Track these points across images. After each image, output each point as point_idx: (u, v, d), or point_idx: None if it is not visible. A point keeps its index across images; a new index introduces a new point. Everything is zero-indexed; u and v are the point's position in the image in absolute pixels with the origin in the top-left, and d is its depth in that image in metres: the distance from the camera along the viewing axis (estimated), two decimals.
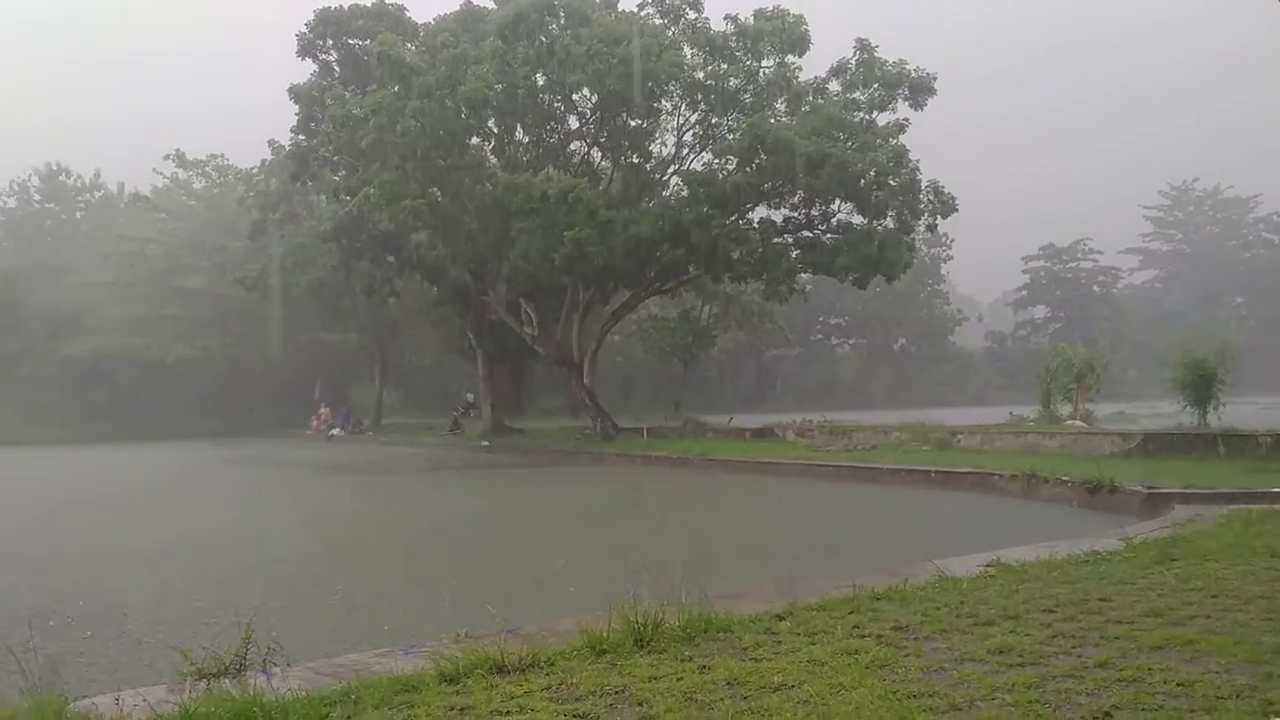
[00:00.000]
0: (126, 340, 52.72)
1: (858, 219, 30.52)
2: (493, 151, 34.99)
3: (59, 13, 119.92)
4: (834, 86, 31.88)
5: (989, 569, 7.78)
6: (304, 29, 37.33)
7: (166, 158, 63.31)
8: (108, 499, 19.72)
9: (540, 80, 30.99)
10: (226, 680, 4.93)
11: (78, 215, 69.33)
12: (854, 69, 31.03)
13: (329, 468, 27.58)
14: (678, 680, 4.83)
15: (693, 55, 30.96)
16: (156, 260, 56.76)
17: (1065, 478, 15.11)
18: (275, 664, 5.24)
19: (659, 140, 34.17)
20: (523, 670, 5.07)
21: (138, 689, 4.92)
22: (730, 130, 32.09)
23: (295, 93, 38.28)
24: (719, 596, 6.49)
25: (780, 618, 6.17)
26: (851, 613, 6.29)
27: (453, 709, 4.46)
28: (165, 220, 59.92)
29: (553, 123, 34.09)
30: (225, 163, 63.30)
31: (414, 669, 5.08)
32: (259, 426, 50.30)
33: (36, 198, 68.80)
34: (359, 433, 45.99)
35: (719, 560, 9.94)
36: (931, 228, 33.71)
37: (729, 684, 4.77)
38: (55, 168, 68.28)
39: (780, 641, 5.60)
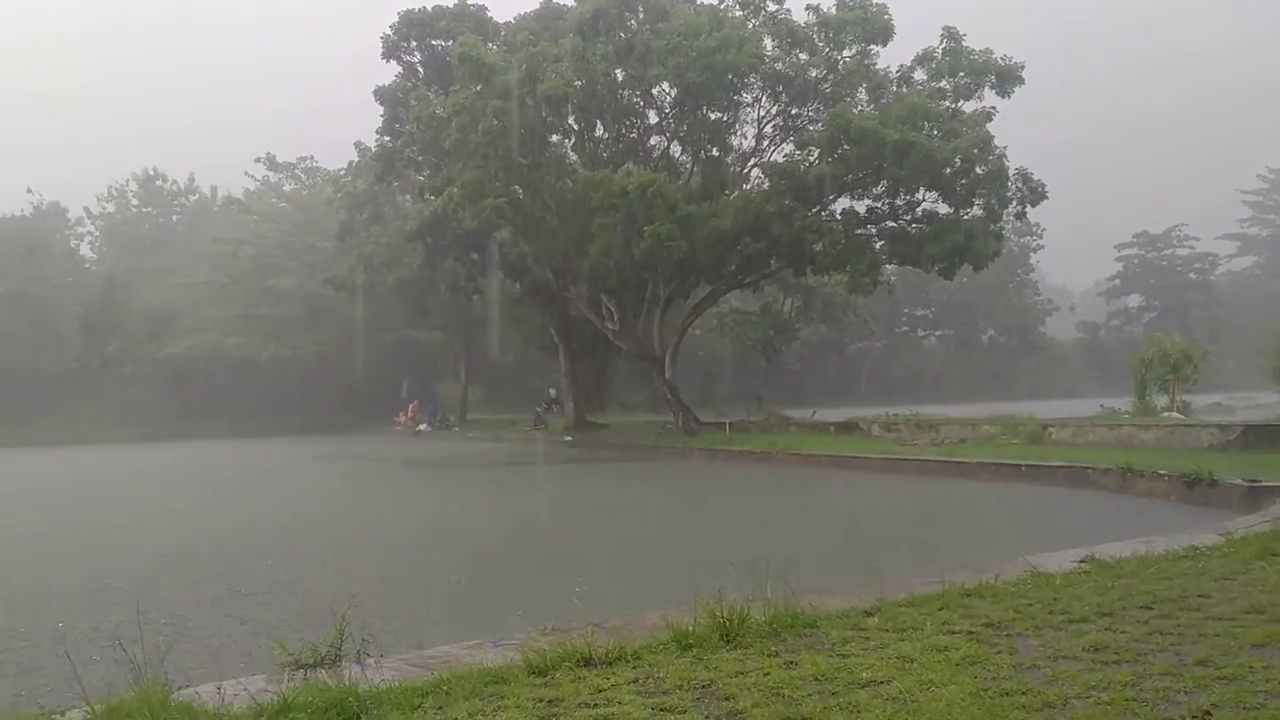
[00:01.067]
0: (221, 340, 54.30)
1: (944, 208, 29.99)
2: (573, 148, 35.14)
3: (156, 23, 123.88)
4: (919, 75, 31.38)
5: (1083, 565, 7.58)
6: (388, 32, 38.08)
7: (258, 161, 65.26)
8: (213, 493, 20.32)
9: (619, 76, 31.07)
10: (322, 671, 5.05)
11: (174, 219, 71.55)
12: (940, 57, 30.47)
13: (417, 463, 28.05)
14: (764, 675, 4.81)
15: (773, 46, 30.74)
16: (249, 261, 58.29)
17: (1162, 471, 14.64)
18: (369, 655, 5.35)
19: (739, 133, 33.96)
20: (609, 663, 5.09)
21: (238, 679, 5.06)
22: (812, 121, 31.81)
23: (380, 94, 39.01)
24: (805, 592, 6.44)
25: (868, 614, 6.11)
26: (941, 609, 6.19)
27: (541, 701, 4.50)
28: (257, 222, 61.51)
29: (632, 118, 34.11)
30: (314, 165, 64.90)
31: (503, 661, 5.14)
32: (348, 423, 51.41)
33: (135, 203, 71.21)
34: (445, 428, 46.69)
35: (804, 556, 9.87)
36: (1020, 216, 33.02)
37: (816, 680, 4.73)
38: (152, 173, 70.60)
39: (868, 638, 5.54)
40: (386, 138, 39.65)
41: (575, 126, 33.45)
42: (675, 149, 35.01)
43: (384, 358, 56.94)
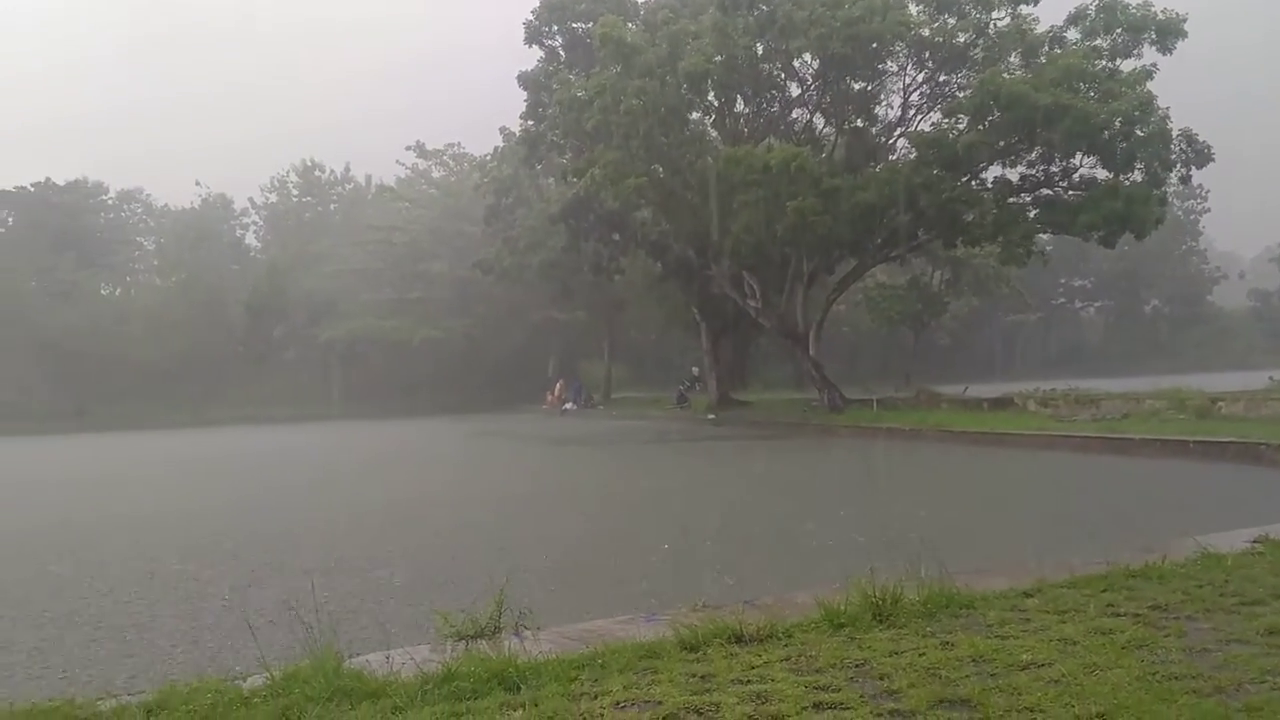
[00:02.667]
0: (377, 323, 56.45)
1: (1102, 173, 28.61)
2: (713, 125, 34.99)
3: (311, 21, 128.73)
4: (1072, 35, 29.97)
5: (1257, 545, 7.19)
6: (530, 17, 38.60)
7: (408, 149, 67.43)
8: (375, 470, 21.16)
9: (760, 49, 30.73)
10: (482, 642, 5.22)
11: (331, 207, 74.54)
12: (1094, 15, 29.03)
13: (564, 440, 28.54)
14: (919, 656, 4.74)
15: (919, 12, 29.85)
16: (401, 247, 60.31)
17: None
18: (526, 628, 5.50)
19: (884, 102, 33.17)
20: (761, 641, 5.10)
21: (405, 648, 5.29)
22: (960, 88, 30.78)
23: (523, 80, 39.62)
24: (960, 572, 6.31)
25: (1027, 595, 5.94)
26: (1105, 590, 5.98)
27: (694, 676, 4.54)
28: (408, 209, 63.54)
29: (773, 91, 33.71)
30: (461, 151, 66.57)
31: (655, 636, 5.21)
32: (496, 402, 52.75)
33: (295, 193, 74.50)
34: (590, 407, 47.38)
35: (958, 535, 9.64)
36: (1185, 180, 31.28)
37: (974, 661, 4.64)
38: (310, 164, 73.71)
39: (1028, 619, 5.40)
40: (530, 122, 40.25)
41: (716, 103, 33.29)
42: (818, 121, 34.46)
43: (530, 338, 58.15)
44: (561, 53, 39.47)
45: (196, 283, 61.29)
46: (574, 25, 38.30)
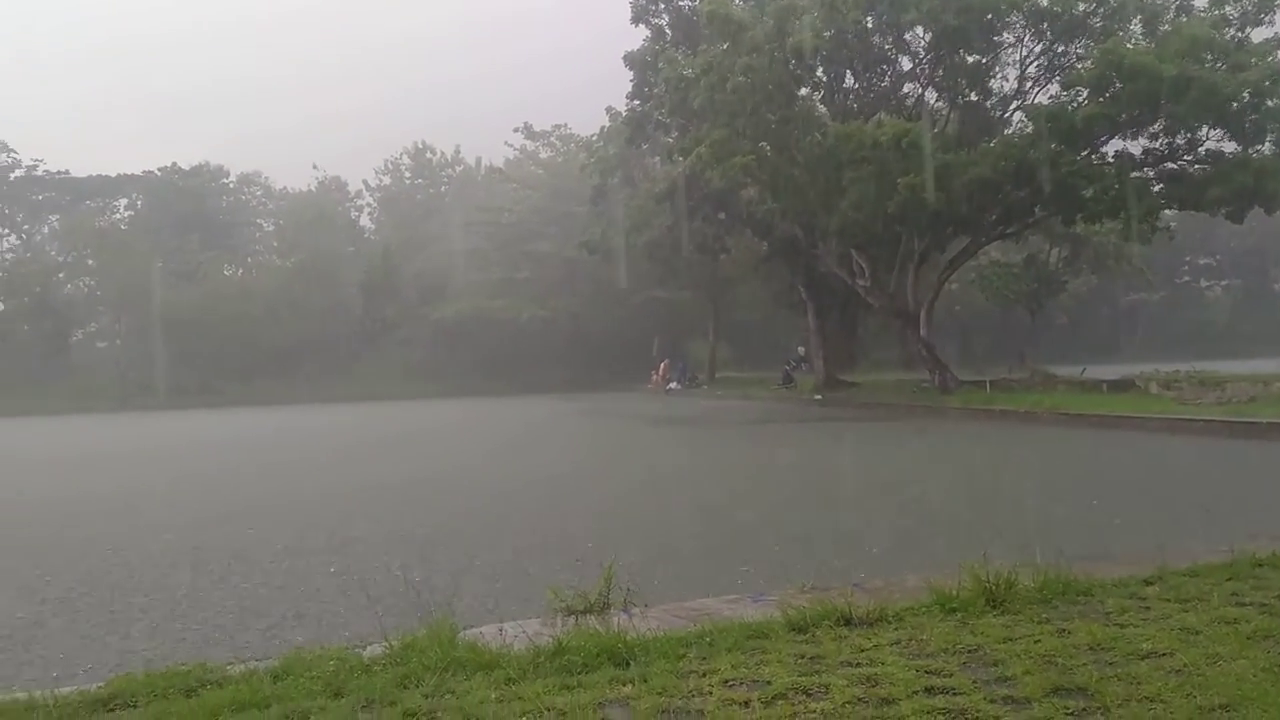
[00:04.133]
0: (485, 303, 57.43)
1: (1230, 147, 27.34)
2: (821, 101, 34.47)
3: (421, 10, 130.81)
4: (1199, 2, 28.68)
5: None
6: None
7: (516, 131, 68.23)
8: (486, 447, 21.60)
9: (870, 23, 30.18)
10: (591, 617, 5.30)
11: (442, 189, 75.90)
12: None
13: (669, 420, 28.65)
14: (1035, 643, 4.66)
15: None
16: (510, 228, 61.17)
17: None
18: (634, 604, 5.57)
19: (999, 75, 32.18)
20: (870, 624, 5.08)
21: (517, 621, 5.41)
22: (1080, 59, 29.72)
23: (630, 59, 39.66)
24: (1077, 559, 6.17)
25: (1148, 582, 5.78)
26: (1229, 579, 5.77)
27: (802, 657, 4.54)
28: (516, 190, 64.36)
29: (883, 66, 33.06)
30: (568, 132, 67.09)
31: (762, 616, 5.23)
32: (601, 381, 53.19)
33: (407, 175, 76.11)
34: (694, 387, 47.42)
35: (1075, 521, 9.39)
36: None
37: (1091, 649, 4.54)
38: (421, 146, 75.17)
39: (1148, 607, 5.25)
40: (636, 102, 40.32)
41: (824, 78, 32.82)
42: (930, 96, 33.64)
43: (635, 318, 58.41)
44: (668, 31, 39.37)
45: (313, 263, 63.18)
46: (680, 3, 38.20)
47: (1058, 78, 30.58)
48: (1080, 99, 28.20)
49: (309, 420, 33.61)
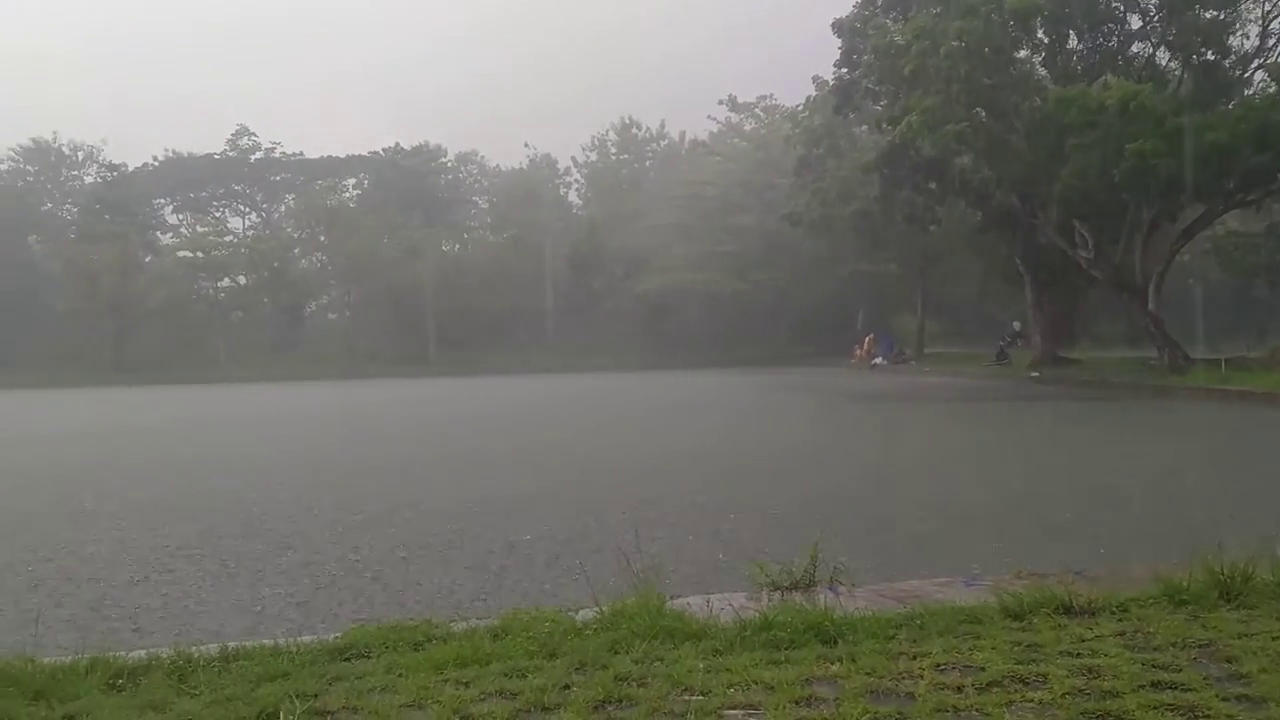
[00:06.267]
0: (687, 276, 57.91)
1: None
2: (1042, 64, 32.89)
3: None
4: None
5: None
6: None
7: (720, 103, 68.20)
8: (690, 418, 21.86)
9: None
10: (797, 594, 5.30)
11: (647, 164, 76.88)
12: None
13: (873, 396, 28.13)
14: (1273, 640, 4.33)
15: None
16: (712, 201, 61.32)
17: None
18: (841, 583, 5.52)
19: (1239, 32, 29.81)
20: (1091, 613, 4.85)
21: (723, 594, 5.46)
22: None
23: (838, 26, 38.95)
24: None
25: None
26: None
27: (1019, 645, 4.39)
28: (720, 163, 64.45)
29: (1110, 25, 31.19)
30: (773, 103, 66.59)
31: (976, 601, 5.08)
32: (803, 356, 52.68)
33: (613, 150, 77.47)
34: (901, 362, 46.32)
35: None
36: None
37: None
38: (628, 121, 76.32)
39: None
40: (844, 70, 39.59)
41: (1045, 40, 31.32)
42: (1161, 56, 31.54)
43: (838, 291, 57.57)
44: None
45: (524, 238, 65.40)
46: None
47: None
48: None
49: (534, 391, 34.49)
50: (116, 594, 6.67)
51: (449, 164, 77.47)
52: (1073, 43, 32.21)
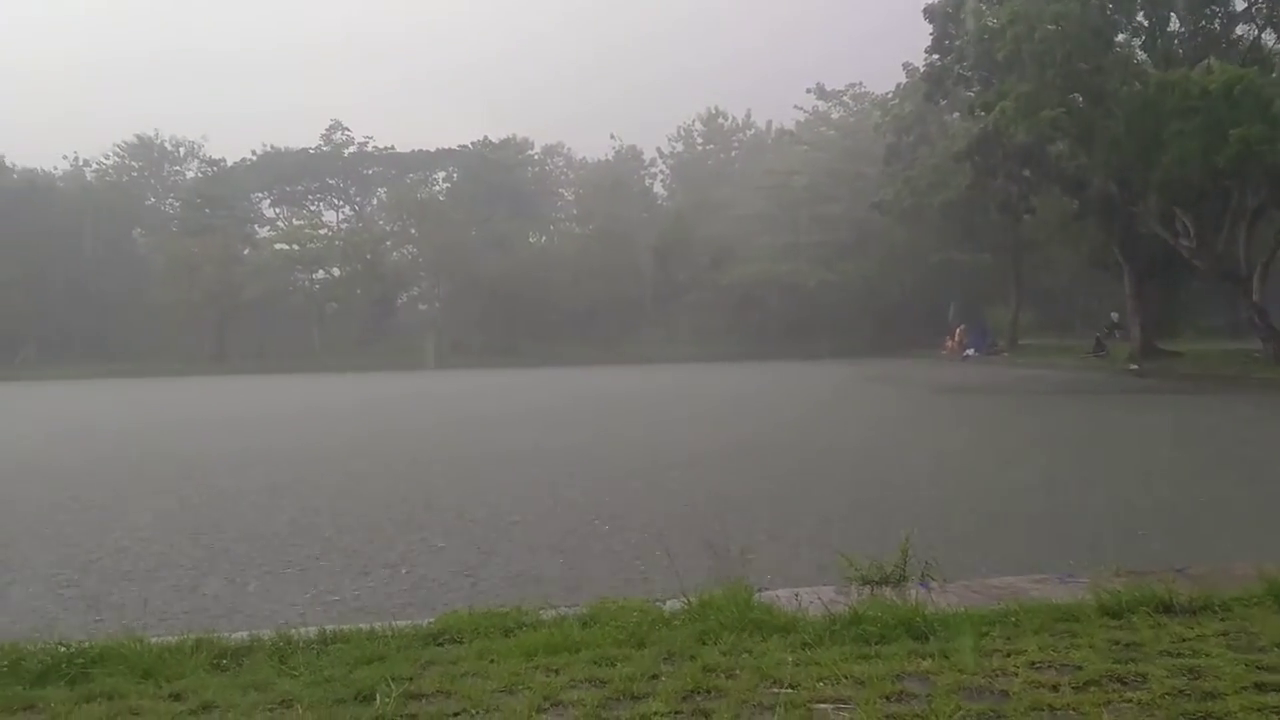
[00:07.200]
0: (773, 267, 57.55)
1: None
2: (1141, 47, 31.91)
3: None
4: None
5: None
6: None
7: (808, 92, 67.52)
8: (778, 410, 21.77)
9: None
10: (887, 589, 5.25)
11: (732, 154, 76.48)
12: None
13: (967, 389, 27.63)
14: None
15: None
16: (799, 191, 60.76)
17: None
18: (932, 578, 5.45)
19: None
20: (1193, 612, 4.72)
21: (812, 587, 5.44)
22: None
23: (930, 12, 38.30)
24: None
25: None
26: None
27: (1116, 644, 4.29)
28: (807, 152, 63.82)
29: (1214, 6, 30.10)
30: (862, 90, 65.72)
31: (1072, 598, 4.98)
32: (891, 347, 51.90)
33: (699, 141, 77.23)
34: (993, 354, 45.38)
35: None
36: None
37: None
38: (714, 112, 75.98)
39: None
40: (935, 56, 38.92)
41: (1145, 22, 30.42)
42: (1268, 38, 30.31)
43: (927, 281, 56.64)
44: None
45: (609, 230, 65.65)
46: None
47: None
48: None
49: (627, 382, 34.48)
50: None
51: (536, 157, 78.11)
52: (1174, 25, 31.25)
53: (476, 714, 3.74)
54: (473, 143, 74.20)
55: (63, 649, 4.45)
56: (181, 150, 73.76)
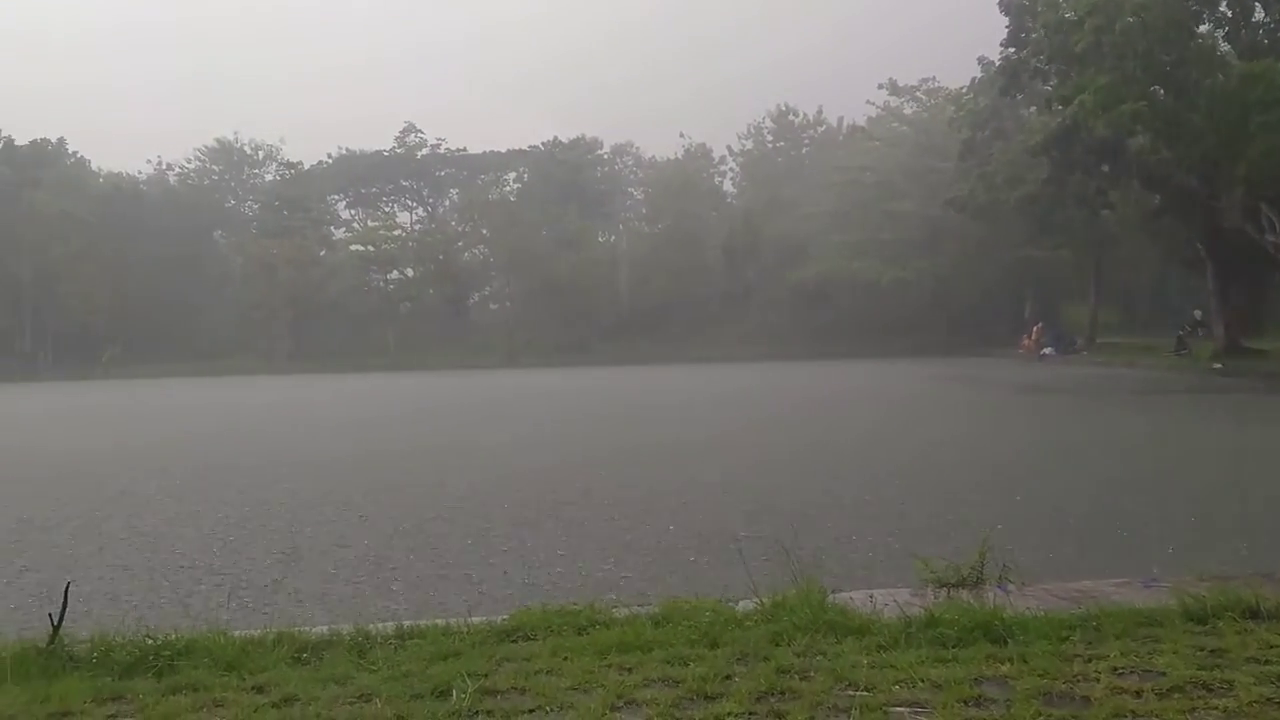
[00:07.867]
0: (844, 265, 56.95)
1: None
2: (1225, 38, 31.02)
3: None
4: None
5: None
6: None
7: (880, 87, 66.59)
8: (852, 410, 21.63)
9: None
10: (964, 591, 5.20)
11: (803, 151, 75.76)
12: None
13: (1041, 388, 27.09)
14: None
15: None
16: (870, 188, 60.01)
17: None
18: (1010, 581, 5.38)
19: None
20: None
21: (887, 589, 5.41)
22: None
23: (1005, 5, 37.72)
24: None
25: None
26: None
27: (1201, 650, 4.20)
28: (879, 148, 62.97)
29: None
30: (935, 85, 64.65)
31: (1155, 603, 4.89)
32: (966, 345, 51.02)
33: (769, 138, 76.69)
34: (1071, 352, 44.41)
35: None
36: None
37: None
38: (784, 108, 75.40)
39: None
40: (1011, 49, 38.28)
41: (1229, 13, 29.61)
42: None
43: (1003, 278, 55.64)
44: None
45: (679, 229, 65.59)
46: None
47: None
48: None
49: (705, 381, 34.25)
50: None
51: (605, 156, 78.26)
52: (1258, 15, 30.34)
53: (550, 711, 3.79)
54: (543, 143, 74.69)
55: (150, 641, 4.60)
56: (260, 154, 75.35)
